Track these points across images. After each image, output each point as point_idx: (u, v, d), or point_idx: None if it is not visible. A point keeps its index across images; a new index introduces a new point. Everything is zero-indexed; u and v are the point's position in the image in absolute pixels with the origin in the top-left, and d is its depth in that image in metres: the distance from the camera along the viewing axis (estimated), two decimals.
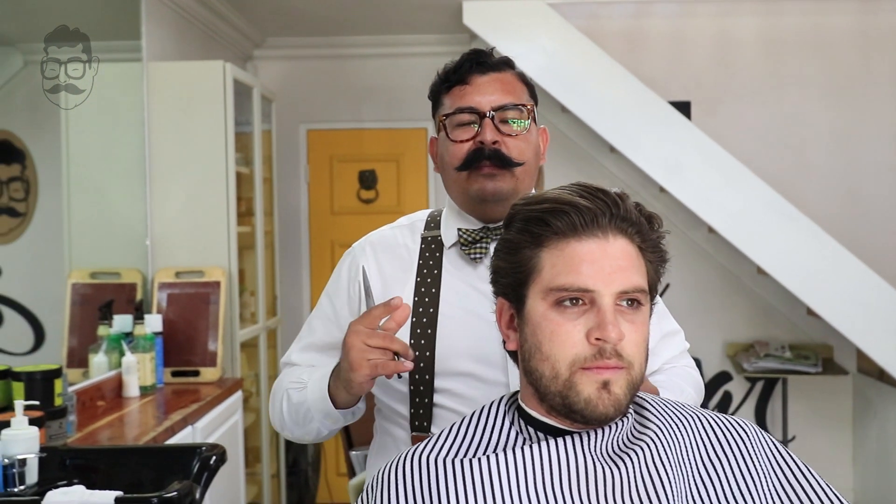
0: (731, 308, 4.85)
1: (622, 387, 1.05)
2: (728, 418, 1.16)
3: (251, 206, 3.97)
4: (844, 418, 4.80)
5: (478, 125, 1.44)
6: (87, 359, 3.08)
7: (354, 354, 1.29)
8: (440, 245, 1.51)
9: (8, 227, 3.11)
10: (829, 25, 4.70)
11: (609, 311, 1.05)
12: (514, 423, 1.13)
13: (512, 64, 1.52)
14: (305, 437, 1.50)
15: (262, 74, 5.06)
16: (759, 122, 4.75)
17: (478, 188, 1.44)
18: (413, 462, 1.08)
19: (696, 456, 1.10)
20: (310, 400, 1.42)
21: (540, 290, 1.08)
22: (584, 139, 4.84)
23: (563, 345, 1.05)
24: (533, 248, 1.10)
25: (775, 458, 1.12)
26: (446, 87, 1.49)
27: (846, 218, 4.65)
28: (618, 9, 4.72)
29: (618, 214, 1.08)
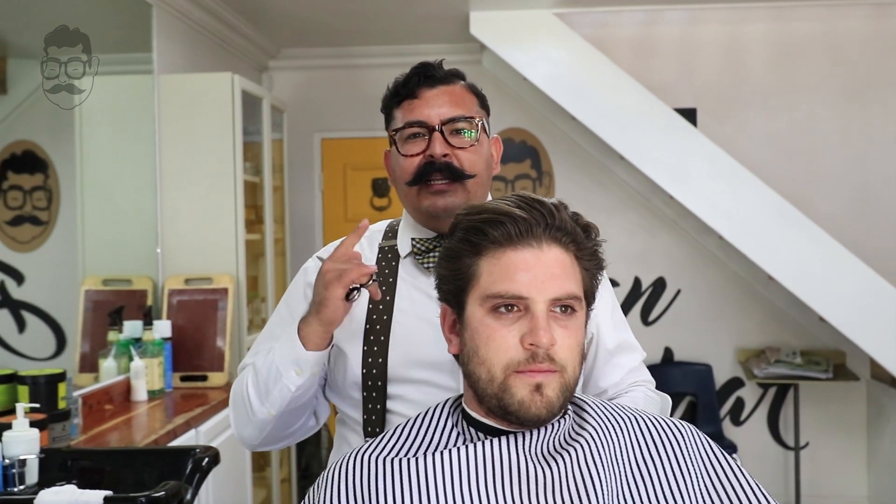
0: (743, 314, 4.85)
1: (555, 389, 1.10)
2: (668, 420, 1.19)
3: (261, 215, 4.04)
4: (858, 425, 4.77)
5: (427, 138, 1.45)
6: (98, 364, 3.17)
7: (330, 276, 1.35)
8: (396, 254, 1.52)
9: (31, 235, 3.21)
10: (840, 31, 4.70)
11: (542, 317, 1.09)
12: (456, 424, 1.18)
13: (461, 76, 1.53)
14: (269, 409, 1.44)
15: (278, 85, 5.15)
16: (769, 129, 4.75)
17: (428, 204, 1.45)
18: (355, 461, 1.13)
19: (629, 456, 1.14)
20: (278, 357, 1.42)
21: (478, 297, 1.13)
22: (594, 147, 4.87)
23: (498, 349, 1.10)
24: (472, 257, 1.15)
25: (709, 459, 1.16)
26: (396, 101, 1.49)
27: (858, 224, 4.63)
28: (627, 17, 4.75)
29: (552, 224, 1.13)
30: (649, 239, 4.92)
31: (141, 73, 3.59)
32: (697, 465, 1.15)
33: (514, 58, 4.30)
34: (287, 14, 4.35)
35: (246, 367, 1.55)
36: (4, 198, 3.15)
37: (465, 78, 1.53)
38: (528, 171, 5.03)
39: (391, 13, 4.35)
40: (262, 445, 1.53)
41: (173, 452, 2.29)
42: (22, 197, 3.20)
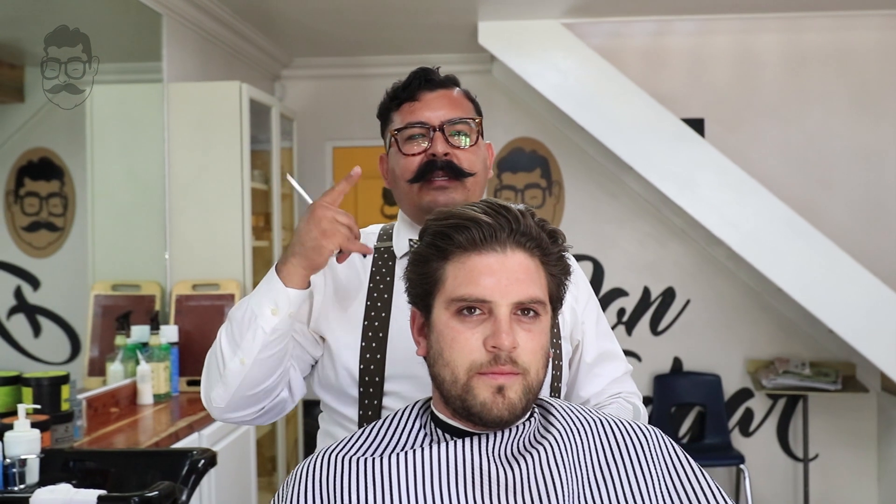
0: (753, 324, 4.84)
1: (517, 392, 1.11)
2: (633, 424, 1.21)
3: (270, 222, 4.09)
4: (869, 437, 4.75)
5: (428, 139, 1.48)
6: (105, 367, 3.21)
7: (327, 224, 1.36)
8: (392, 255, 1.54)
9: (47, 241, 3.27)
10: (852, 41, 4.69)
11: (504, 320, 1.11)
12: (424, 426, 1.20)
13: (458, 82, 1.57)
14: (243, 358, 1.38)
15: (290, 94, 5.20)
16: (781, 140, 4.74)
17: (429, 200, 1.48)
18: (322, 460, 1.15)
19: (593, 459, 1.16)
20: (254, 301, 1.39)
21: (444, 300, 1.16)
22: (604, 156, 4.88)
23: (461, 351, 1.12)
24: (438, 261, 1.17)
25: (672, 462, 1.18)
26: (396, 104, 1.54)
27: (868, 236, 4.62)
28: (638, 27, 4.76)
29: (517, 230, 1.15)
30: (659, 249, 4.92)
31: (151, 81, 3.65)
32: (659, 467, 1.16)
33: (523, 68, 4.32)
34: (298, 24, 4.40)
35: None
36: (21, 204, 3.21)
37: (460, 85, 1.58)
38: (538, 180, 5.05)
39: (401, 24, 4.40)
40: (230, 410, 1.45)
41: (171, 454, 2.33)
42: (38, 203, 3.26)
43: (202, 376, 1.52)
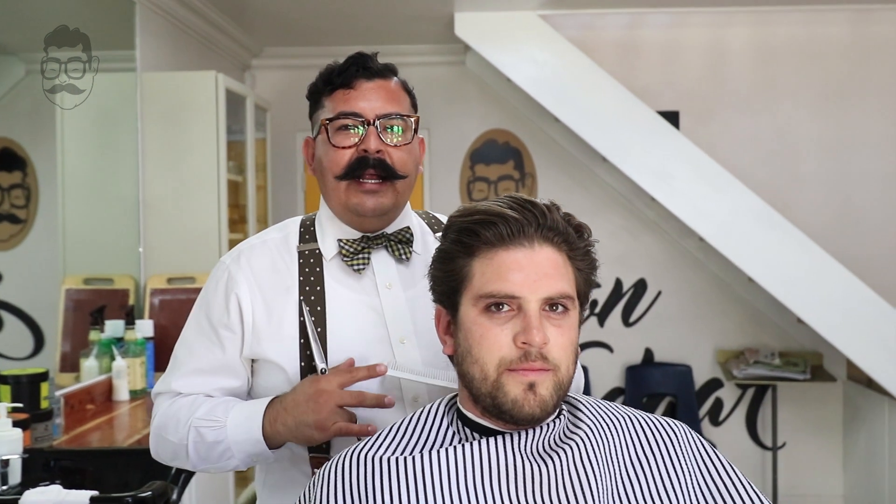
0: (723, 315, 4.89)
1: (548, 388, 1.10)
2: (661, 420, 1.21)
3: (244, 214, 4.04)
4: (834, 425, 4.83)
5: (361, 132, 1.40)
6: (79, 363, 3.15)
7: (324, 416, 1.28)
8: (319, 259, 1.46)
9: (9, 233, 3.18)
10: (820, 35, 4.75)
11: (534, 316, 1.10)
12: (452, 423, 1.18)
13: (396, 71, 1.48)
14: (211, 470, 1.44)
15: (260, 83, 5.13)
16: (751, 132, 4.79)
17: (357, 202, 1.41)
18: (350, 460, 1.13)
19: (624, 455, 1.15)
20: (232, 440, 1.36)
21: (471, 297, 1.14)
22: (577, 148, 4.90)
23: (490, 348, 1.11)
24: (465, 258, 1.15)
25: (702, 458, 1.18)
26: (329, 89, 1.44)
27: (838, 227, 4.69)
28: (612, 19, 4.77)
29: (544, 224, 1.14)
30: (631, 241, 4.95)
31: (123, 70, 3.57)
32: (690, 463, 1.16)
33: (499, 59, 4.31)
34: (270, 13, 4.34)
35: (174, 401, 1.45)
36: None
37: (398, 74, 1.49)
38: (511, 172, 5.05)
39: (376, 13, 4.35)
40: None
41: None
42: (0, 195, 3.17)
43: (153, 441, 1.48)
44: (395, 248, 1.47)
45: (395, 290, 1.45)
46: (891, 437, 4.17)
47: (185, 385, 1.45)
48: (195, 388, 1.45)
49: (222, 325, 1.43)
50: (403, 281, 1.47)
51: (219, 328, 1.43)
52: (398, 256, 1.47)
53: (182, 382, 1.45)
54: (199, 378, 1.44)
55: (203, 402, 1.42)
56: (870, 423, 4.44)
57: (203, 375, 1.44)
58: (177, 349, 1.50)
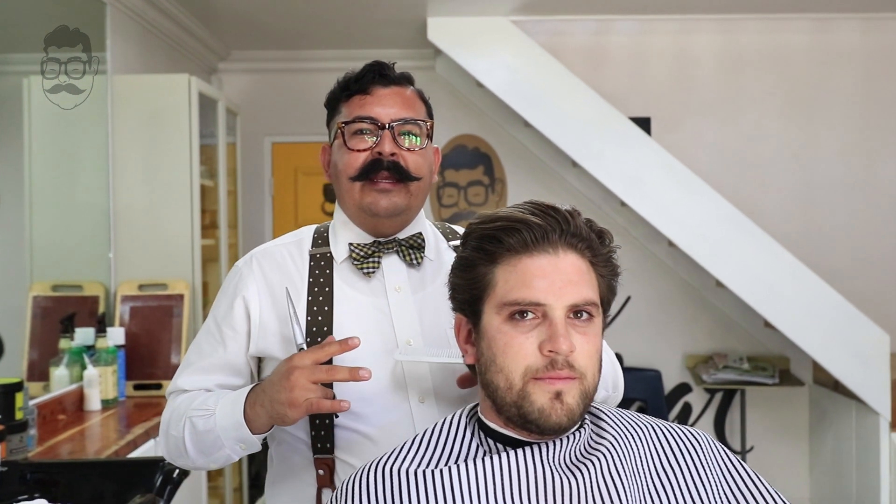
0: (691, 320, 4.93)
1: (575, 397, 1.09)
2: (682, 428, 1.20)
3: (215, 219, 3.97)
4: (801, 428, 4.89)
5: (376, 136, 1.43)
6: (48, 372, 3.06)
7: (297, 393, 1.26)
8: (329, 261, 1.48)
9: None
10: (784, 44, 4.81)
11: (560, 323, 1.08)
12: (474, 434, 1.16)
13: (412, 80, 1.51)
14: (211, 465, 1.45)
15: (227, 87, 5.06)
16: (717, 139, 4.84)
17: (370, 202, 1.43)
18: (377, 473, 1.10)
19: (650, 465, 1.14)
20: (220, 427, 1.36)
21: (494, 305, 1.12)
22: (546, 154, 4.91)
23: (515, 356, 1.09)
24: (487, 265, 1.13)
25: (727, 467, 1.17)
26: (346, 95, 1.47)
27: (803, 233, 4.75)
28: (580, 26, 4.79)
29: (568, 230, 1.12)
30: None
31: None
32: (716, 472, 1.15)
33: (471, 64, 4.30)
34: (239, 15, 4.28)
35: (178, 397, 1.48)
36: None
37: (414, 83, 1.52)
38: (480, 177, 5.04)
39: (348, 17, 4.32)
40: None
41: (140, 464, 2.22)
42: None
43: (161, 440, 1.50)
44: (407, 254, 1.48)
45: (404, 294, 1.46)
46: (857, 440, 4.22)
47: (189, 382, 1.48)
48: (198, 385, 1.48)
49: (226, 324, 1.47)
50: (413, 284, 1.48)
51: (223, 327, 1.47)
52: (409, 261, 1.48)
53: (188, 379, 1.49)
54: (202, 375, 1.48)
55: (199, 396, 1.44)
56: (836, 426, 4.50)
57: (207, 373, 1.48)
58: (189, 351, 1.53)
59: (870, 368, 3.98)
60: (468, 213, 5.04)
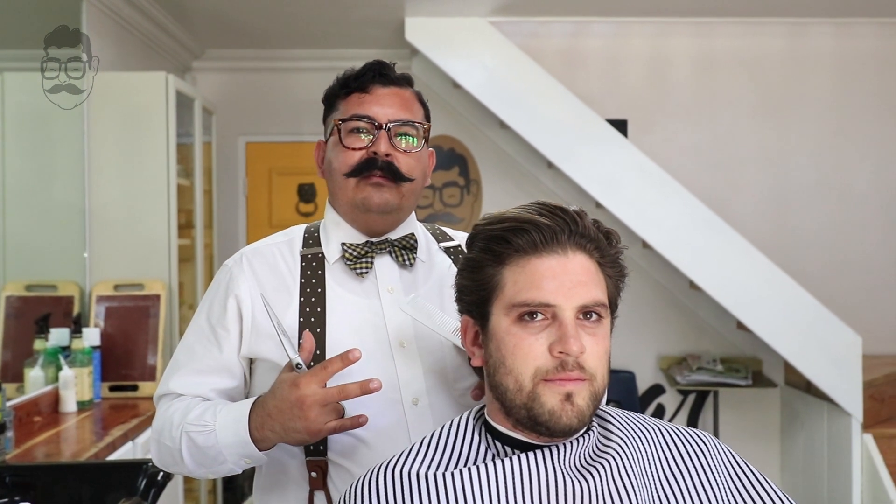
0: (664, 322, 4.96)
1: (585, 398, 1.08)
2: (689, 430, 1.20)
3: (191, 219, 3.93)
4: (773, 429, 4.93)
5: (372, 136, 1.43)
6: (21, 373, 3.01)
7: (313, 424, 1.27)
8: (321, 262, 1.47)
9: None
10: (759, 47, 4.86)
11: (570, 324, 1.08)
12: (482, 437, 1.15)
13: (412, 82, 1.52)
14: (210, 475, 1.43)
15: (201, 86, 5.01)
16: (692, 141, 4.87)
17: (363, 197, 1.43)
18: (386, 476, 1.09)
19: (658, 468, 1.14)
20: (223, 444, 1.35)
21: (503, 307, 1.11)
22: (522, 155, 4.91)
23: (525, 358, 1.08)
24: (495, 266, 1.13)
25: (734, 469, 1.17)
26: (345, 92, 1.47)
27: (776, 235, 4.80)
28: (556, 27, 4.81)
29: (576, 231, 1.12)
30: None
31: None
32: (723, 474, 1.16)
33: (449, 65, 4.29)
34: (214, 13, 4.24)
35: (171, 403, 1.44)
36: None
37: (414, 85, 1.52)
38: (456, 178, 5.03)
39: (325, 17, 4.30)
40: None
41: (122, 467, 2.19)
42: None
43: (153, 447, 1.46)
44: (399, 254, 1.48)
45: (397, 294, 1.45)
46: (829, 442, 4.27)
47: (182, 385, 1.45)
48: (192, 388, 1.45)
49: (220, 324, 1.44)
50: (405, 285, 1.47)
51: (216, 328, 1.44)
52: (402, 262, 1.47)
53: (178, 382, 1.45)
54: (196, 378, 1.45)
55: (194, 406, 1.41)
56: (808, 427, 4.54)
57: (201, 375, 1.45)
58: (177, 352, 1.49)
59: (842, 370, 4.02)
60: (443, 214, 5.03)
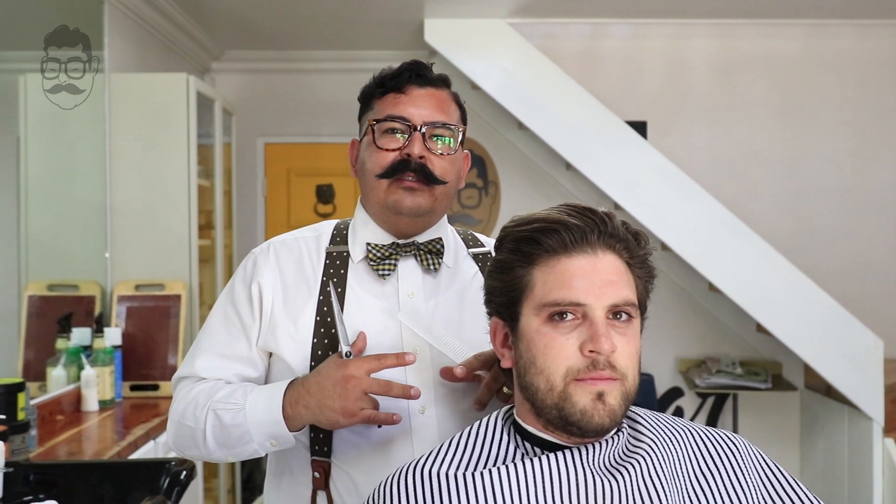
0: (683, 325, 4.94)
1: (617, 398, 1.08)
2: (719, 432, 1.19)
3: (211, 219, 3.95)
4: (792, 433, 4.91)
5: (407, 136, 1.41)
6: (44, 372, 3.03)
7: (352, 402, 1.27)
8: (346, 260, 1.46)
9: None
10: (778, 49, 4.83)
11: (601, 323, 1.08)
12: (511, 437, 1.15)
13: (449, 83, 1.50)
14: (230, 457, 1.42)
15: (221, 87, 5.03)
16: (711, 143, 4.85)
17: (395, 200, 1.42)
18: (415, 475, 1.09)
19: (689, 469, 1.13)
20: (251, 422, 1.34)
21: (533, 307, 1.11)
22: (540, 157, 4.91)
23: (556, 357, 1.08)
24: (525, 267, 1.13)
25: (764, 472, 1.16)
26: (381, 92, 1.46)
27: (795, 237, 4.77)
28: (574, 29, 4.80)
29: (606, 231, 1.12)
30: None
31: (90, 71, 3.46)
32: (754, 477, 1.15)
33: (468, 66, 4.29)
34: (234, 14, 4.25)
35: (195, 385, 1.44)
36: None
37: (451, 86, 1.51)
38: (474, 180, 5.03)
39: (344, 18, 4.31)
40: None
41: (145, 466, 2.20)
42: None
43: (172, 429, 1.46)
44: (424, 258, 1.46)
45: (416, 300, 1.44)
46: (850, 446, 4.24)
47: (205, 366, 1.45)
48: (216, 371, 1.44)
49: (244, 310, 1.44)
50: (426, 291, 1.46)
51: (242, 313, 1.44)
52: (426, 266, 1.46)
53: (203, 363, 1.45)
54: (220, 361, 1.45)
55: (222, 387, 1.41)
56: (828, 431, 4.52)
57: (224, 360, 1.45)
58: (199, 336, 1.49)
59: (863, 374, 4.00)
60: (461, 215, 5.03)
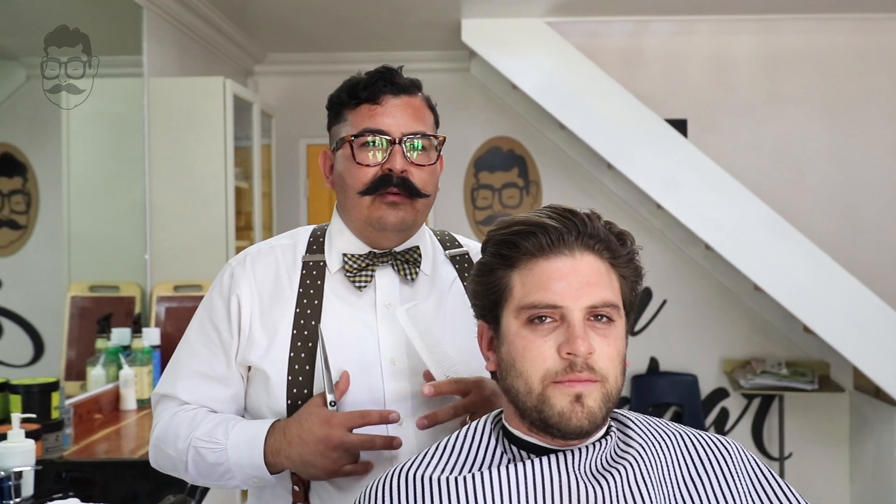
0: (728, 324, 4.87)
1: (596, 400, 1.07)
2: (710, 436, 1.18)
3: (250, 221, 4.00)
4: (841, 435, 4.80)
5: (386, 151, 1.38)
6: (85, 371, 3.10)
7: (333, 464, 1.30)
8: (322, 270, 1.44)
9: (9, 239, 3.13)
10: (825, 44, 4.74)
11: (578, 325, 1.07)
12: (499, 441, 1.15)
13: (421, 86, 1.46)
14: (213, 486, 1.44)
15: (263, 89, 5.10)
16: (756, 140, 4.77)
17: (379, 216, 1.38)
18: (401, 479, 1.09)
19: (678, 474, 1.12)
20: (233, 463, 1.35)
21: (513, 310, 1.11)
22: (582, 156, 4.87)
23: (534, 360, 1.07)
24: (505, 270, 1.12)
25: (756, 476, 1.14)
26: (354, 102, 1.41)
27: (844, 236, 4.67)
28: (616, 27, 4.76)
29: (585, 232, 1.10)
30: None
31: (130, 76, 3.53)
32: (745, 482, 1.13)
33: (506, 66, 4.28)
34: (275, 18, 4.31)
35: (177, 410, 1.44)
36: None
37: (422, 89, 1.47)
38: (515, 179, 5.02)
39: (383, 20, 4.33)
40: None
41: None
42: (0, 200, 3.13)
43: (152, 452, 1.46)
44: (402, 268, 1.44)
45: (393, 310, 1.42)
46: None
47: (187, 389, 1.44)
48: (197, 395, 1.43)
49: (223, 326, 1.42)
50: (404, 300, 1.43)
51: (222, 333, 1.42)
52: (403, 276, 1.44)
53: (185, 386, 1.44)
54: (201, 381, 1.43)
55: (203, 420, 1.40)
56: (878, 433, 4.41)
57: (205, 380, 1.43)
58: (179, 350, 1.48)
59: None
60: (503, 215, 5.02)
